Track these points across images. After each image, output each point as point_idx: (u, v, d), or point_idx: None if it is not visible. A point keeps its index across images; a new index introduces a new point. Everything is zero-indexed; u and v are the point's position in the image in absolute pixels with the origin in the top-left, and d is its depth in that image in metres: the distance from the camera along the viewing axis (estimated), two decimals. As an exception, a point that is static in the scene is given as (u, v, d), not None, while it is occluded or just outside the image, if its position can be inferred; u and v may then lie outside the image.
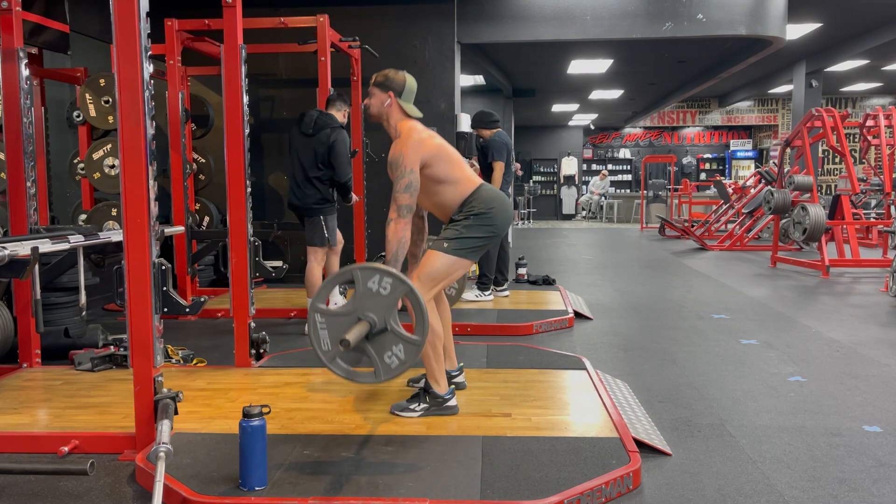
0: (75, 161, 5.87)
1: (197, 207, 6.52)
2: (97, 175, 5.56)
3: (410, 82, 3.20)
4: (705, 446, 3.01)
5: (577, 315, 5.67)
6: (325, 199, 4.95)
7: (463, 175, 3.17)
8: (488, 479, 2.49)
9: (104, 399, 3.42)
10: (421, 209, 3.44)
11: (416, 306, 2.58)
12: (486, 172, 5.94)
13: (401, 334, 2.58)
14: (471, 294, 6.03)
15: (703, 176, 21.55)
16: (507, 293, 6.30)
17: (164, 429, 2.52)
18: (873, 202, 12.25)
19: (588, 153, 22.52)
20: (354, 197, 5.30)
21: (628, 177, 22.21)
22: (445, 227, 3.17)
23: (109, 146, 5.55)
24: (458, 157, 3.22)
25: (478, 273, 6.17)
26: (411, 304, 2.61)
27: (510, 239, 11.72)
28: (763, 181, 11.20)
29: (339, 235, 5.22)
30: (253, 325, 4.00)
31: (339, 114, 5.06)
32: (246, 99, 3.89)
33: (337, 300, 5.29)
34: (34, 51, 4.89)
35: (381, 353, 2.60)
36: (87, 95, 5.56)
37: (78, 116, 5.74)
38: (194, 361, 4.25)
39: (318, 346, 2.62)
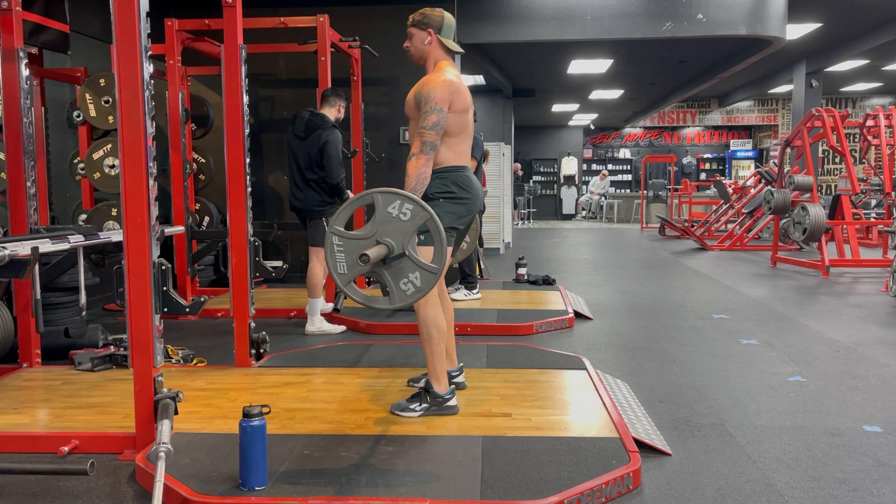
0: (75, 161, 5.87)
1: (197, 207, 6.52)
2: (97, 175, 5.56)
3: (448, 18, 3.19)
4: (705, 446, 3.01)
5: (577, 315, 5.67)
6: (325, 201, 4.96)
7: (460, 146, 3.15)
8: (488, 479, 2.49)
9: (104, 399, 3.42)
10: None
11: (436, 234, 2.54)
12: None
13: (418, 261, 2.53)
14: (459, 294, 6.06)
15: (703, 176, 21.55)
16: (478, 295, 6.28)
17: (164, 429, 2.52)
18: (873, 202, 12.25)
19: (588, 153, 22.52)
20: (350, 195, 5.30)
21: (628, 177, 22.22)
22: None
23: (109, 146, 5.55)
24: (471, 130, 3.20)
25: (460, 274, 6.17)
26: (431, 230, 2.55)
27: (510, 239, 11.74)
28: (763, 181, 11.21)
29: None
30: (253, 325, 4.00)
31: (334, 110, 5.05)
32: (246, 99, 3.89)
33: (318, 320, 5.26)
34: (34, 51, 4.88)
35: (398, 279, 2.56)
36: (87, 95, 5.56)
37: (78, 116, 5.74)
38: (194, 361, 4.25)
39: (334, 268, 2.57)
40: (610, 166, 22.15)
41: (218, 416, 3.17)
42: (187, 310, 3.07)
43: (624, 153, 22.48)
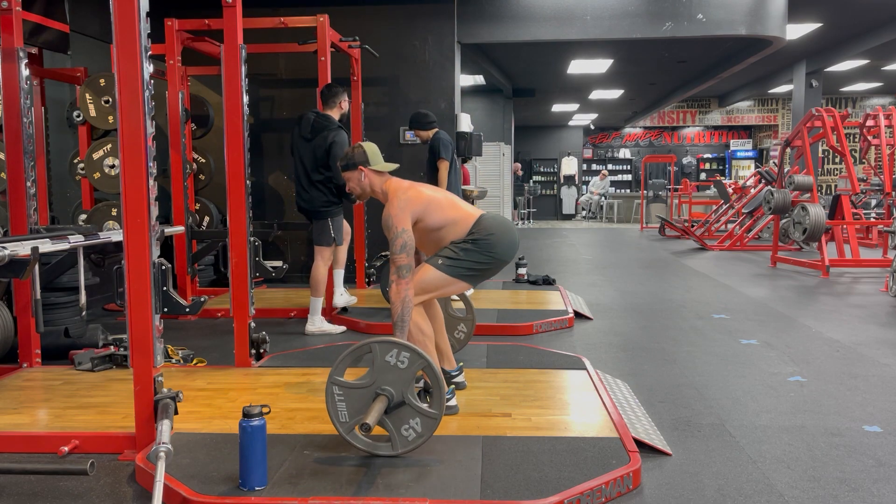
0: (75, 161, 5.87)
1: (197, 207, 6.52)
2: (97, 175, 5.56)
3: (369, 147, 3.25)
4: (705, 446, 3.01)
5: (577, 315, 5.67)
6: (330, 202, 4.98)
7: (460, 213, 3.17)
8: (488, 479, 2.49)
9: (104, 399, 3.42)
10: (421, 253, 3.42)
11: (434, 381, 2.62)
12: (432, 173, 5.91)
13: (418, 408, 2.62)
14: None
15: (703, 176, 21.56)
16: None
17: (164, 429, 2.52)
18: (873, 202, 12.25)
19: (588, 153, 22.53)
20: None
21: (628, 177, 22.22)
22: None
23: (109, 146, 5.55)
24: (450, 199, 3.22)
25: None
26: (428, 378, 2.65)
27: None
28: (763, 181, 11.21)
29: (346, 227, 5.33)
30: (253, 325, 4.00)
31: (336, 109, 5.06)
32: (246, 99, 3.89)
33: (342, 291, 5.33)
34: (34, 51, 4.88)
35: (399, 426, 2.63)
36: (87, 95, 5.56)
37: (78, 116, 5.74)
38: (194, 361, 4.25)
39: (335, 417, 2.65)
40: (610, 166, 22.16)
41: (218, 416, 3.17)
42: (187, 310, 3.08)
43: (624, 153, 22.48)
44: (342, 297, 5.54)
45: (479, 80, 12.37)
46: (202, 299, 3.39)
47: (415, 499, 2.33)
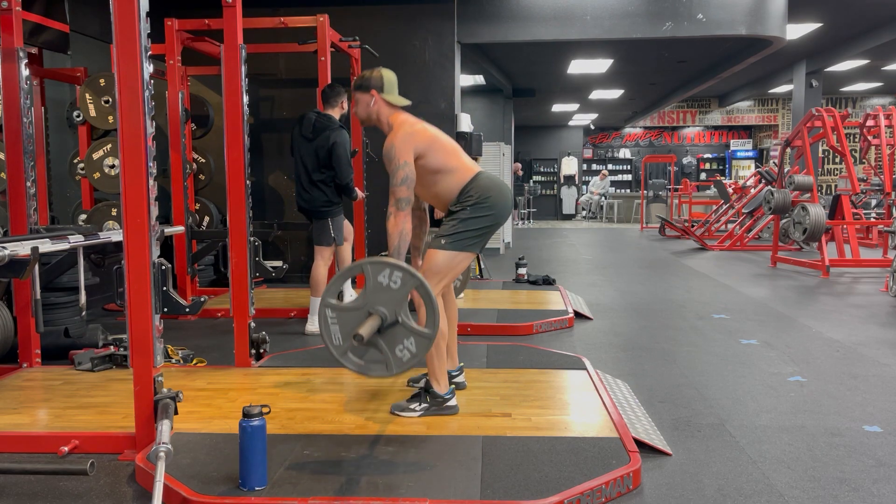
0: (75, 161, 5.87)
1: (197, 207, 6.52)
2: (97, 175, 5.56)
3: (388, 75, 3.21)
4: (705, 446, 3.01)
5: (577, 315, 5.67)
6: (331, 201, 4.98)
7: (460, 164, 3.16)
8: (488, 479, 2.49)
9: (104, 399, 3.42)
10: (421, 201, 3.43)
11: (427, 300, 2.57)
12: None
13: (412, 328, 2.57)
14: None
15: (703, 176, 21.55)
16: (461, 296, 6.22)
17: (164, 429, 2.52)
18: (873, 202, 12.25)
19: (588, 153, 22.52)
20: (360, 193, 5.35)
21: (628, 177, 22.21)
22: (444, 220, 3.16)
23: (109, 146, 5.55)
24: (453, 145, 3.21)
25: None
26: (422, 298, 2.59)
27: (510, 239, 11.73)
28: (763, 181, 11.21)
29: (348, 227, 5.33)
30: (253, 325, 4.00)
31: (337, 109, 5.06)
32: (246, 99, 3.89)
33: (351, 292, 5.40)
34: (34, 51, 4.88)
35: (393, 347, 2.59)
36: (87, 95, 5.56)
37: (78, 116, 5.74)
38: (194, 361, 4.25)
39: (329, 340, 2.61)
40: (610, 166, 22.15)
41: (218, 416, 3.17)
42: (187, 310, 3.08)
43: (624, 153, 22.47)
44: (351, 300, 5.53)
45: (479, 80, 12.36)
46: (202, 299, 3.38)
47: (415, 499, 2.33)
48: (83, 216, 5.67)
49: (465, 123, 7.60)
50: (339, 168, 4.88)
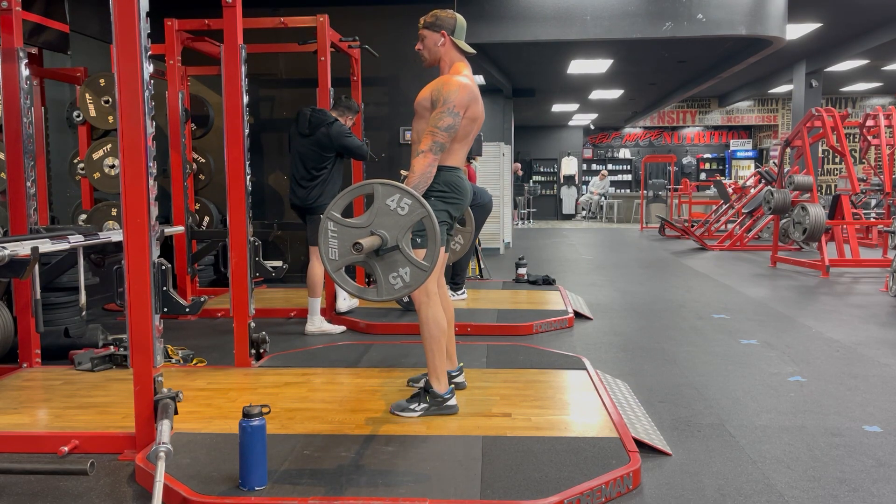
0: (75, 161, 5.87)
1: (197, 207, 6.52)
2: (97, 175, 5.56)
3: (461, 20, 3.18)
4: (705, 446, 3.01)
5: (577, 315, 5.67)
6: (328, 198, 4.97)
7: (460, 152, 3.15)
8: (488, 479, 2.49)
9: (104, 399, 3.42)
10: None
11: (431, 233, 2.54)
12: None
13: (410, 257, 2.55)
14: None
15: (703, 176, 21.55)
16: (464, 296, 6.25)
17: (164, 429, 2.52)
18: (873, 202, 12.25)
19: (588, 153, 22.52)
20: (373, 157, 5.45)
21: (628, 177, 22.21)
22: None
23: (109, 146, 5.55)
24: (472, 139, 3.19)
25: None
26: (426, 228, 2.56)
27: (510, 239, 11.73)
28: (763, 181, 11.21)
29: None
30: (253, 325, 4.00)
31: (342, 119, 5.07)
32: (246, 99, 3.89)
33: (345, 296, 5.39)
34: (34, 51, 4.88)
35: (387, 272, 2.57)
36: (87, 95, 5.56)
37: (78, 116, 5.74)
38: (194, 361, 4.25)
39: (325, 253, 2.58)
40: (610, 166, 22.15)
41: (218, 416, 3.17)
42: (187, 310, 3.08)
43: (624, 153, 22.47)
44: (345, 302, 5.52)
45: (479, 80, 12.35)
46: (202, 299, 3.38)
47: (415, 499, 2.33)
48: (83, 216, 5.67)
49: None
50: (354, 155, 5.04)
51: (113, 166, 5.53)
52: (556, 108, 17.30)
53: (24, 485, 2.61)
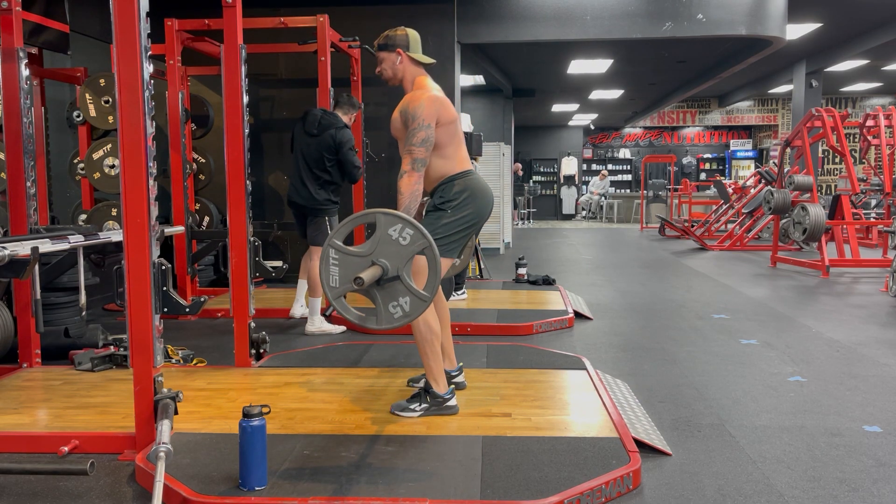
0: (75, 161, 5.87)
1: (197, 207, 6.52)
2: (97, 175, 5.56)
3: (413, 34, 3.22)
4: (705, 446, 3.01)
5: (577, 315, 5.67)
6: (331, 200, 4.98)
7: (458, 153, 3.17)
8: (488, 479, 2.49)
9: (104, 399, 3.42)
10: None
11: (432, 263, 2.56)
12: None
13: (410, 286, 2.56)
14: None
15: (703, 176, 21.56)
16: (464, 296, 6.25)
17: (164, 429, 2.52)
18: (873, 202, 12.25)
19: (588, 153, 22.52)
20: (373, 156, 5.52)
21: (628, 177, 22.22)
22: (424, 217, 3.16)
23: (109, 146, 5.55)
24: (461, 136, 3.22)
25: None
26: (427, 258, 2.57)
27: (510, 239, 11.73)
28: (763, 181, 11.20)
29: None
30: (253, 325, 4.00)
31: (346, 118, 5.08)
32: (246, 99, 3.89)
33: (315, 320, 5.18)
34: (34, 51, 4.88)
35: (387, 301, 2.58)
36: (87, 95, 5.56)
37: (78, 116, 5.73)
38: (194, 361, 4.25)
39: (326, 281, 2.59)
40: (610, 166, 22.15)
41: (218, 416, 3.17)
42: (187, 310, 3.08)
43: (624, 153, 22.48)
44: (302, 308, 5.40)
45: (479, 80, 12.36)
46: (202, 299, 3.39)
47: (415, 499, 2.33)
48: (83, 216, 5.67)
49: (465, 123, 7.60)
50: (347, 170, 4.93)
51: (113, 166, 5.53)
52: (556, 108, 17.30)
53: (24, 485, 2.61)
